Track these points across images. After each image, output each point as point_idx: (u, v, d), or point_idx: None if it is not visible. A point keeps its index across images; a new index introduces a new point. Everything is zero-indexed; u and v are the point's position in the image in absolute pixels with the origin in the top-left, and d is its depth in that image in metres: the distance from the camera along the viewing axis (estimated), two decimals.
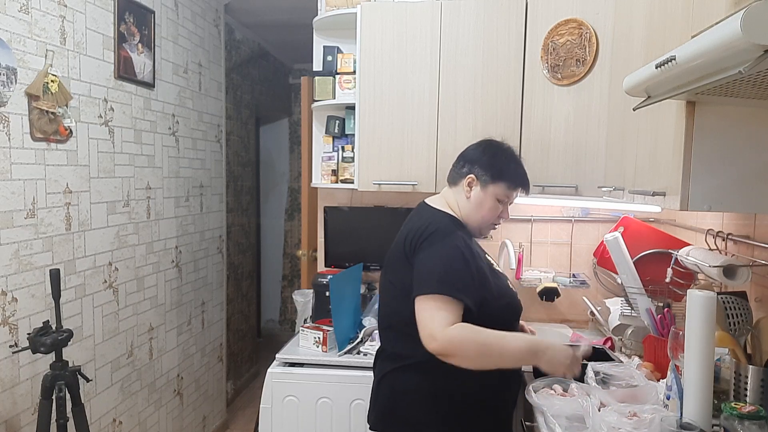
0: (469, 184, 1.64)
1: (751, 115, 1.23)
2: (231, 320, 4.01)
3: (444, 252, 1.50)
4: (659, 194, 1.35)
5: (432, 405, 1.56)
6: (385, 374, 1.64)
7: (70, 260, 2.15)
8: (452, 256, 1.49)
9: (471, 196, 1.64)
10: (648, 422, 1.32)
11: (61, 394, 1.82)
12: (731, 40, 0.81)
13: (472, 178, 1.64)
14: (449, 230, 1.55)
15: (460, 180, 1.66)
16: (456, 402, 1.56)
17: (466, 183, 1.64)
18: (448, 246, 1.51)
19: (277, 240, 5.66)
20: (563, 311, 2.57)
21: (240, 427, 3.76)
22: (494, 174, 1.63)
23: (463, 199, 1.65)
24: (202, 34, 3.26)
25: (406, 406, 1.59)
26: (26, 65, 1.90)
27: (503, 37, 2.19)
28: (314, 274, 2.46)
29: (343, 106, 2.53)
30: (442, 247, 1.51)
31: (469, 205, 1.64)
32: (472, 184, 1.64)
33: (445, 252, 1.50)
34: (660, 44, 1.43)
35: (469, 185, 1.64)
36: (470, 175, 1.64)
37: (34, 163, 1.96)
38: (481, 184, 1.63)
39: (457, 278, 1.47)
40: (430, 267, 1.48)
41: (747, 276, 1.62)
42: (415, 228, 1.58)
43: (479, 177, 1.63)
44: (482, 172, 1.63)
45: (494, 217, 1.67)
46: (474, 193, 1.64)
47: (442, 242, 1.52)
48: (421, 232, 1.55)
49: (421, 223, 1.59)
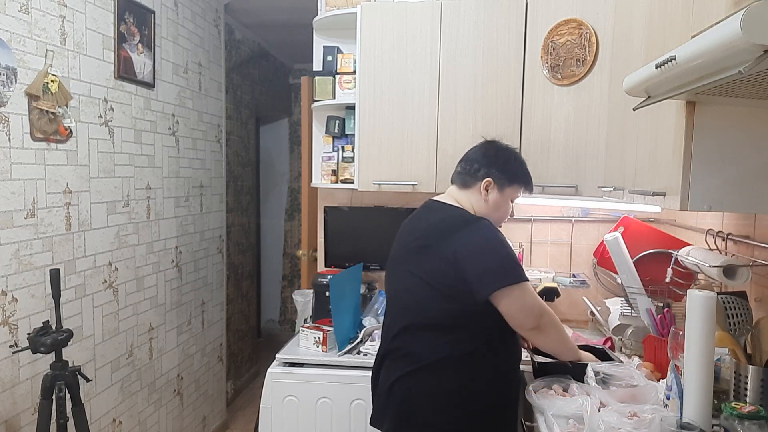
0: (487, 187, 1.68)
1: (751, 115, 1.23)
2: (231, 320, 4.01)
3: (499, 241, 1.58)
4: (659, 194, 1.35)
5: (447, 405, 1.55)
6: (399, 377, 1.60)
7: (70, 260, 2.15)
8: (505, 244, 1.59)
9: (489, 199, 1.68)
10: (648, 422, 1.32)
11: (61, 394, 1.82)
12: (731, 40, 0.81)
13: (490, 181, 1.68)
14: (485, 222, 1.61)
15: (475, 183, 1.69)
16: (468, 401, 1.56)
17: (483, 186, 1.68)
18: (497, 235, 1.59)
19: (277, 240, 5.66)
20: (563, 311, 2.57)
21: (240, 427, 3.76)
22: (510, 177, 1.70)
23: (480, 202, 1.69)
24: (202, 34, 3.26)
25: (423, 407, 1.57)
26: (26, 65, 1.90)
27: (503, 37, 2.19)
28: (314, 274, 2.46)
29: (343, 106, 2.53)
30: (494, 237, 1.58)
31: (487, 207, 1.69)
32: (489, 187, 1.68)
33: (499, 241, 1.58)
34: (660, 44, 1.43)
35: (486, 188, 1.68)
36: (488, 179, 1.68)
37: (34, 163, 1.96)
38: (498, 187, 1.68)
39: (519, 264, 1.59)
40: (501, 256, 1.55)
41: (747, 276, 1.62)
42: (443, 219, 1.62)
43: (496, 180, 1.68)
44: (500, 176, 1.68)
45: (506, 218, 1.75)
46: (492, 197, 1.68)
47: (489, 232, 1.58)
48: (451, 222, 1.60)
49: (446, 216, 1.63)
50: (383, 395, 1.66)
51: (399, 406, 1.60)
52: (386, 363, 1.68)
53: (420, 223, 1.69)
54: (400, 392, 1.60)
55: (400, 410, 1.60)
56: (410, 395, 1.59)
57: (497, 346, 1.60)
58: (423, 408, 1.57)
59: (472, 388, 1.56)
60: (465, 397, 1.56)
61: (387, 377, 1.65)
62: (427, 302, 1.59)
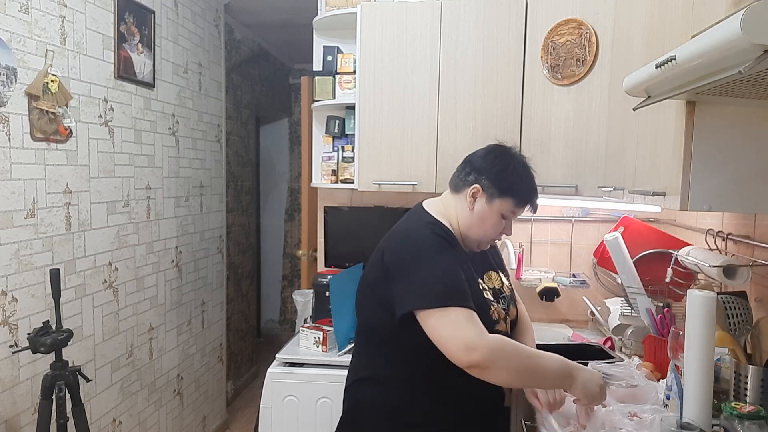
0: (473, 194, 1.47)
1: (751, 115, 1.23)
2: (231, 320, 4.01)
3: (432, 257, 1.37)
4: (659, 194, 1.35)
5: (388, 421, 1.48)
6: (350, 384, 1.57)
7: (70, 260, 2.15)
8: (442, 261, 1.37)
9: (474, 208, 1.48)
10: (648, 422, 1.32)
11: (61, 394, 1.82)
12: (731, 40, 0.81)
13: (478, 188, 1.47)
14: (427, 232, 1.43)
15: (464, 188, 1.49)
16: (410, 420, 1.46)
17: (470, 193, 1.47)
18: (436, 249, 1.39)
19: (277, 240, 5.66)
20: (563, 311, 2.57)
21: (240, 427, 3.76)
22: (503, 188, 1.46)
23: (465, 210, 1.49)
24: (202, 34, 3.26)
25: (365, 418, 1.52)
26: (26, 65, 1.90)
27: (503, 37, 2.19)
28: (314, 274, 2.46)
29: (343, 106, 2.53)
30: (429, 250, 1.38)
31: (471, 217, 1.48)
32: (476, 195, 1.47)
33: (433, 257, 1.37)
34: (660, 44, 1.43)
35: (473, 196, 1.47)
36: (476, 185, 1.47)
37: (34, 163, 1.96)
38: (486, 197, 1.47)
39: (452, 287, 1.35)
40: (428, 274, 1.35)
41: (747, 276, 1.62)
42: (399, 228, 1.51)
43: (485, 189, 1.47)
44: (490, 185, 1.46)
45: (496, 234, 1.51)
46: (478, 206, 1.47)
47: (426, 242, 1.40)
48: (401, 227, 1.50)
49: (405, 221, 1.53)
50: None
51: (346, 411, 1.58)
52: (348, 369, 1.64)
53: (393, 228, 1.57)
54: (349, 399, 1.57)
55: (347, 416, 1.57)
56: (355, 404, 1.55)
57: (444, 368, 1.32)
58: (365, 419, 1.52)
59: (414, 407, 1.45)
60: (406, 416, 1.45)
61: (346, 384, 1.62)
62: (368, 309, 1.50)
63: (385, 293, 1.40)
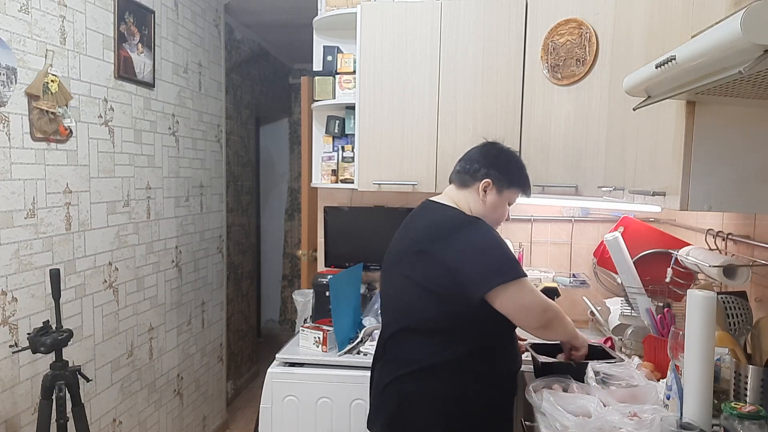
0: (485, 188, 1.66)
1: (751, 115, 1.23)
2: (231, 320, 4.01)
3: (494, 241, 1.56)
4: (659, 194, 1.35)
5: (439, 409, 1.54)
6: (391, 380, 1.59)
7: (70, 260, 2.15)
8: (501, 243, 1.58)
9: (487, 200, 1.67)
10: (648, 422, 1.32)
11: (61, 394, 1.82)
12: (731, 40, 0.81)
13: (489, 182, 1.66)
14: (480, 222, 1.60)
15: (474, 183, 1.67)
16: (461, 405, 1.54)
17: (481, 187, 1.66)
18: (493, 235, 1.58)
19: (277, 240, 5.66)
20: (563, 311, 2.56)
21: (240, 427, 3.76)
22: (510, 180, 1.69)
23: (477, 202, 1.67)
24: (202, 34, 3.26)
25: (415, 411, 1.56)
26: (26, 65, 1.90)
27: (503, 37, 2.19)
28: (314, 274, 2.46)
29: (343, 106, 2.53)
30: (490, 237, 1.57)
31: (484, 208, 1.67)
32: (487, 188, 1.66)
33: (495, 241, 1.56)
34: (660, 44, 1.43)
35: (484, 189, 1.66)
36: (487, 180, 1.66)
37: (34, 163, 1.96)
38: (497, 188, 1.67)
39: (516, 262, 1.57)
40: (496, 255, 1.54)
41: (747, 276, 1.62)
42: (437, 221, 1.61)
43: (496, 182, 1.66)
44: (499, 177, 1.67)
45: (503, 219, 1.74)
46: (490, 198, 1.67)
47: (484, 232, 1.57)
48: (446, 224, 1.58)
49: (441, 218, 1.62)
50: (376, 398, 1.66)
51: (390, 409, 1.60)
52: (379, 365, 1.67)
53: (416, 224, 1.67)
54: (391, 396, 1.59)
55: (391, 414, 1.59)
56: (401, 399, 1.57)
57: (492, 351, 1.58)
58: (414, 412, 1.56)
59: (465, 392, 1.54)
60: (457, 402, 1.54)
61: (380, 380, 1.64)
62: (421, 305, 1.57)
63: (446, 284, 1.53)
